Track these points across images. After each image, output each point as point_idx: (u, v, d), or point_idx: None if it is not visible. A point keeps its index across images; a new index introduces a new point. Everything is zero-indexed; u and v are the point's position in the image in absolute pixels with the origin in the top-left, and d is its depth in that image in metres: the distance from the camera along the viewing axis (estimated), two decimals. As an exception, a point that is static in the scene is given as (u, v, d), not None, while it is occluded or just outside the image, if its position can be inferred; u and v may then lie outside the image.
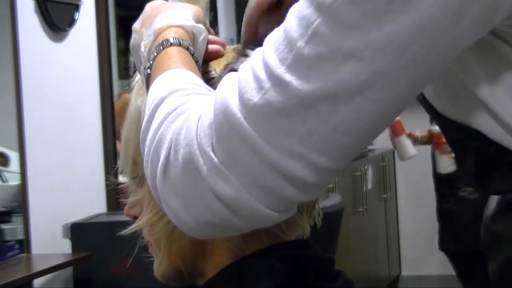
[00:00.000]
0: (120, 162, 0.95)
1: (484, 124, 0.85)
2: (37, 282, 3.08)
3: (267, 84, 0.70)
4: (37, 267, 2.93)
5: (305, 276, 0.86)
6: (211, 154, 0.72)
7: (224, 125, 0.72)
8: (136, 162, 0.91)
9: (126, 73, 4.15)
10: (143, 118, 0.80)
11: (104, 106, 3.60)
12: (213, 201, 0.73)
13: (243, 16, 0.94)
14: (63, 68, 3.37)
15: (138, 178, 0.92)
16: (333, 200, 2.98)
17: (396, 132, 3.61)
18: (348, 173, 4.38)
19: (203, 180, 0.72)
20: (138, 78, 0.93)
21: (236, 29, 4.54)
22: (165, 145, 0.74)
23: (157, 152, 0.75)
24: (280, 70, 0.70)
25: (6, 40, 3.08)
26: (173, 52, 0.84)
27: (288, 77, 0.70)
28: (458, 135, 0.93)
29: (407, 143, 3.67)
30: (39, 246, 3.11)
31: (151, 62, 0.85)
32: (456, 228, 3.65)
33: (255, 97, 0.71)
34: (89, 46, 3.58)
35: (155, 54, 0.84)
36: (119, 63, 4.10)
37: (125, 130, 0.93)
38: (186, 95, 0.78)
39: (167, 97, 0.78)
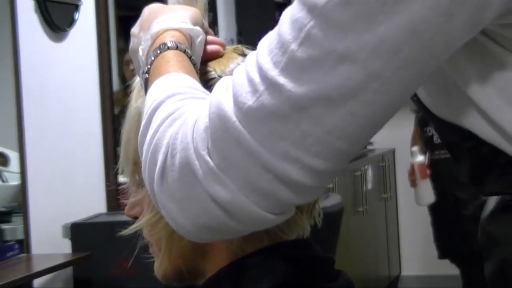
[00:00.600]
0: (120, 163, 0.95)
1: (476, 124, 0.85)
2: (37, 282, 3.08)
3: (261, 87, 0.70)
4: (37, 267, 2.93)
5: (305, 275, 0.86)
6: (207, 157, 0.72)
7: (219, 128, 0.72)
8: (136, 163, 0.91)
9: (126, 73, 4.15)
10: (143, 119, 0.81)
11: (104, 106, 3.60)
12: (210, 205, 0.73)
13: (243, 16, 0.94)
14: (63, 68, 3.37)
15: (139, 178, 0.92)
16: (333, 200, 2.98)
17: (422, 175, 3.61)
18: (348, 173, 4.38)
19: (199, 183, 0.72)
20: (138, 79, 0.93)
21: (236, 29, 4.53)
22: (162, 150, 0.75)
23: (154, 156, 0.75)
24: (274, 73, 0.70)
25: (6, 40, 3.08)
26: (170, 56, 0.84)
27: (282, 80, 0.70)
28: (452, 136, 0.93)
29: (430, 188, 3.66)
30: (39, 246, 3.11)
31: (149, 66, 0.85)
32: None
33: (249, 100, 0.71)
34: (89, 46, 3.58)
35: (153, 58, 0.85)
36: (119, 63, 4.09)
37: (126, 130, 0.93)
38: (183, 99, 0.78)
39: (164, 102, 0.78)
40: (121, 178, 0.99)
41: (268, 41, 0.73)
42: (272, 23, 0.77)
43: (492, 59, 0.81)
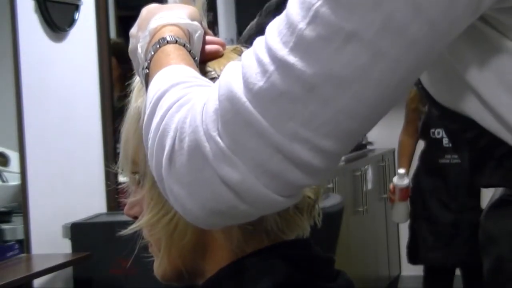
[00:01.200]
0: (119, 162, 0.95)
1: (475, 111, 0.86)
2: (37, 282, 3.09)
3: (271, 67, 0.71)
4: (37, 267, 2.93)
5: (305, 275, 0.86)
6: (218, 139, 0.72)
7: (229, 110, 0.72)
8: (136, 162, 0.91)
9: (126, 73, 4.14)
10: (145, 112, 0.80)
11: (104, 106, 3.61)
12: (220, 187, 0.73)
13: (243, 16, 0.95)
14: (63, 68, 3.37)
15: (138, 178, 0.92)
16: (333, 200, 2.97)
17: (401, 197, 3.61)
18: (348, 173, 4.38)
19: (210, 166, 0.72)
20: (138, 79, 0.93)
21: (236, 29, 4.53)
22: (170, 134, 0.75)
23: (162, 142, 0.75)
24: (283, 53, 0.70)
25: (6, 40, 3.08)
26: (170, 49, 0.85)
27: (292, 59, 0.70)
28: (453, 125, 0.94)
29: (405, 209, 3.68)
30: (39, 246, 3.11)
31: (149, 61, 0.85)
32: None
33: (259, 81, 0.71)
34: (89, 46, 3.58)
35: (152, 53, 0.85)
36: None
37: (125, 130, 0.94)
38: (188, 87, 0.78)
39: (169, 90, 0.78)
40: (121, 178, 0.99)
41: (276, 24, 0.73)
42: (272, 23, 0.77)
43: (489, 45, 0.81)
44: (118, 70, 3.70)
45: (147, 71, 0.85)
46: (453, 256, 3.68)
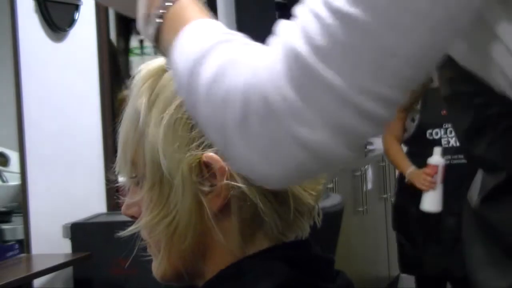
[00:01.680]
0: (117, 163, 0.94)
1: (502, 59, 0.85)
2: (37, 282, 3.09)
3: (330, 20, 0.70)
4: (37, 267, 2.93)
5: (304, 276, 0.86)
6: (289, 97, 0.70)
7: (294, 67, 0.70)
8: (135, 163, 0.91)
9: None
10: (179, 71, 0.77)
11: (104, 106, 3.61)
12: (293, 146, 0.71)
13: (243, 16, 0.94)
14: (63, 68, 3.37)
15: (137, 178, 0.92)
16: (333, 200, 2.97)
17: (444, 178, 3.41)
18: (348, 173, 4.38)
19: (283, 125, 0.71)
20: (136, 79, 0.93)
21: (236, 29, 4.52)
22: (234, 98, 0.72)
23: (224, 106, 0.73)
24: (342, 4, 0.69)
25: (6, 40, 3.08)
26: (188, 2, 0.82)
27: (351, 10, 0.69)
28: (465, 88, 0.93)
29: (441, 194, 3.47)
30: (39, 246, 3.11)
31: (164, 11, 0.82)
32: None
33: (320, 35, 0.70)
34: (89, 46, 3.58)
35: (171, 3, 0.82)
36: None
37: (123, 130, 0.93)
38: (234, 46, 0.76)
39: (214, 48, 0.76)
40: (121, 178, 0.99)
41: None
42: (272, 23, 0.77)
43: None
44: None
45: (161, 20, 0.82)
46: (458, 262, 3.53)
